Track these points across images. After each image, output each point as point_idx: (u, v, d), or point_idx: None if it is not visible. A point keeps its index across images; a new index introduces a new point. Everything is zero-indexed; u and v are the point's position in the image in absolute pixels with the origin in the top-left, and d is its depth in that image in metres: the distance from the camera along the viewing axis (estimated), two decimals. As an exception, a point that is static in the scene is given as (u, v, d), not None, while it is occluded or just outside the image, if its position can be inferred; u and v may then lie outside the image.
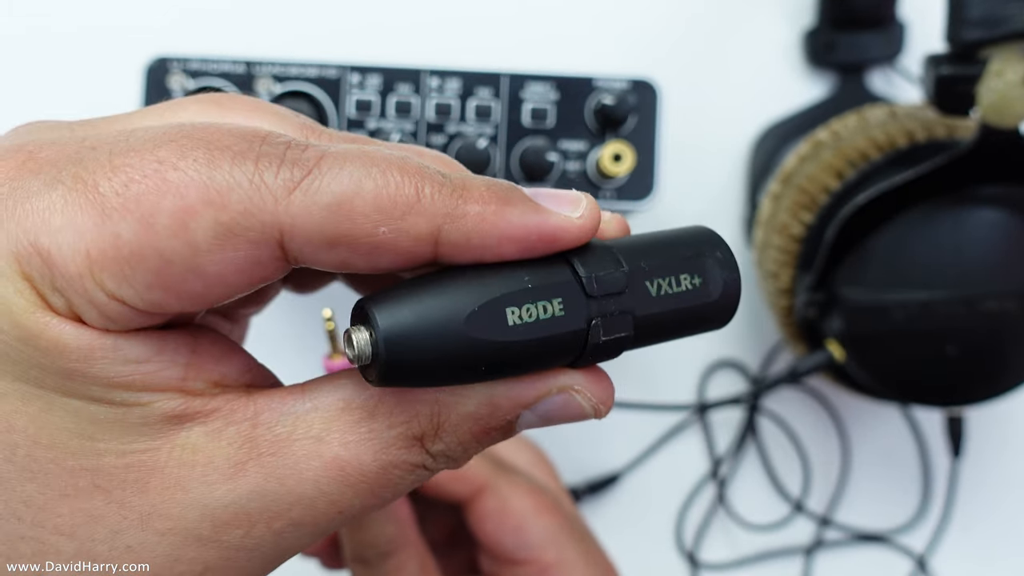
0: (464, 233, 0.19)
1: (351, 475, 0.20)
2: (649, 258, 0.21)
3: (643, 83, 0.36)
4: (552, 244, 0.20)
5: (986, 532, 0.53)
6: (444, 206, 0.19)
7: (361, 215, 0.18)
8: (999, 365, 0.42)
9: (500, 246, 0.19)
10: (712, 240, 0.22)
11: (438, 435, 0.20)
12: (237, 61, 0.36)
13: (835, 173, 0.43)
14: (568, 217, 0.20)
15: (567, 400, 0.21)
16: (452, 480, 0.34)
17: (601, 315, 0.20)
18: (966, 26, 0.36)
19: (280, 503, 0.19)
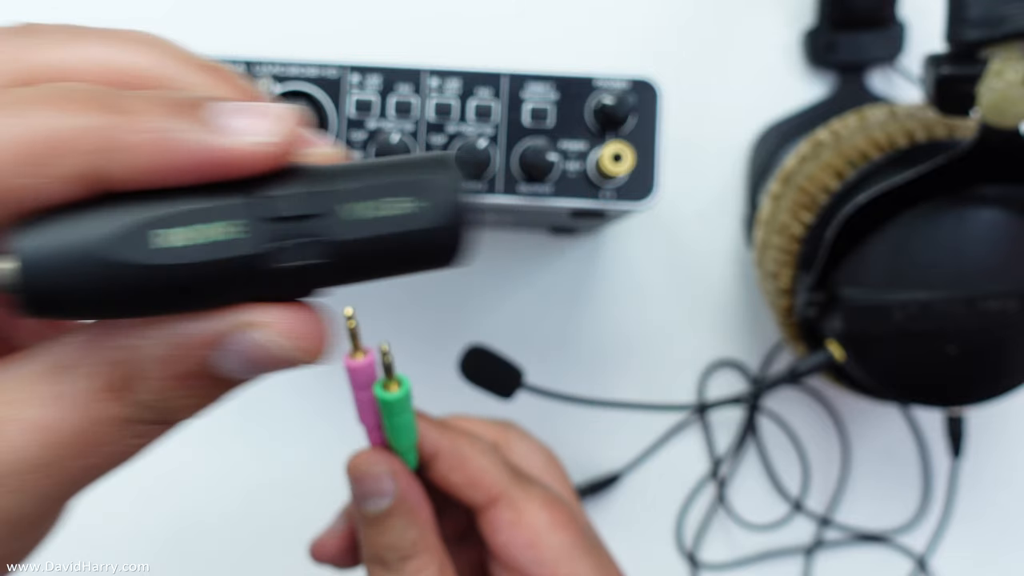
0: (124, 167, 0.17)
1: (56, 437, 0.18)
2: (352, 180, 0.19)
3: (643, 83, 0.36)
4: (229, 172, 0.18)
5: (986, 532, 0.53)
6: (96, 140, 0.17)
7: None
8: (999, 365, 0.42)
9: (168, 176, 0.17)
10: (439, 162, 0.19)
11: (133, 384, 0.19)
12: (236, 61, 0.35)
13: (835, 173, 0.43)
14: (251, 142, 0.18)
15: (254, 339, 0.19)
16: (466, 486, 0.34)
17: (277, 239, 0.18)
18: (966, 26, 0.36)
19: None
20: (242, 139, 0.18)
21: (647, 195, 0.37)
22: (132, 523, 0.51)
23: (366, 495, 0.33)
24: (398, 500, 0.32)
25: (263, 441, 0.52)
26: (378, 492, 0.32)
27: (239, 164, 0.18)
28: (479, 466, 0.34)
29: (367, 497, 0.33)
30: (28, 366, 0.19)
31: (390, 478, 0.33)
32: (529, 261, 0.52)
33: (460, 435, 0.35)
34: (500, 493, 0.34)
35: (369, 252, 0.19)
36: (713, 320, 0.53)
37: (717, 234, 0.53)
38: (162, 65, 0.20)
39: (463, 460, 0.34)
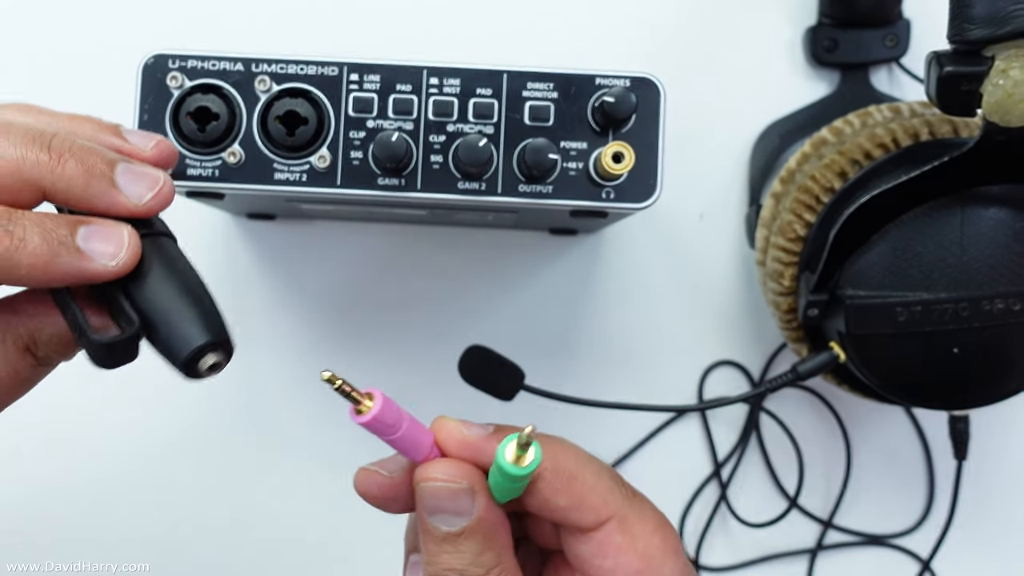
0: (17, 278, 0.26)
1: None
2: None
3: (645, 81, 0.36)
4: (92, 279, 0.27)
5: (990, 535, 0.53)
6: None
7: None
8: (1004, 367, 0.42)
9: (48, 283, 0.27)
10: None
11: (38, 347, 0.29)
12: (235, 59, 0.35)
13: (838, 172, 0.43)
14: (103, 265, 0.27)
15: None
16: (572, 509, 0.30)
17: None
18: (970, 24, 0.36)
19: None
20: (100, 263, 0.26)
21: (648, 195, 0.36)
22: (132, 523, 0.51)
23: (438, 511, 0.29)
24: (477, 521, 0.29)
25: (264, 442, 0.52)
26: (455, 510, 0.29)
27: (99, 277, 0.27)
28: (588, 485, 0.30)
29: (439, 513, 0.29)
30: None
31: (470, 497, 0.29)
32: (529, 261, 0.52)
33: (562, 449, 0.31)
34: (613, 513, 0.30)
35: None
36: (715, 320, 0.52)
37: (718, 234, 0.52)
38: (16, 160, 0.26)
39: (570, 480, 0.30)
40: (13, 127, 0.26)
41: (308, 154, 0.36)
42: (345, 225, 0.52)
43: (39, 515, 0.51)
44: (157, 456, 0.51)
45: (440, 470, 0.29)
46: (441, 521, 0.29)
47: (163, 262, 0.28)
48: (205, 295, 0.28)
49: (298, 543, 0.52)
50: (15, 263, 0.25)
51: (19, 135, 0.26)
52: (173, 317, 0.27)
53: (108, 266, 0.26)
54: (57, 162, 0.26)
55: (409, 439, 0.29)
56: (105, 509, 0.51)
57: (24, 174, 0.26)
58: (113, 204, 0.27)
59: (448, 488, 0.29)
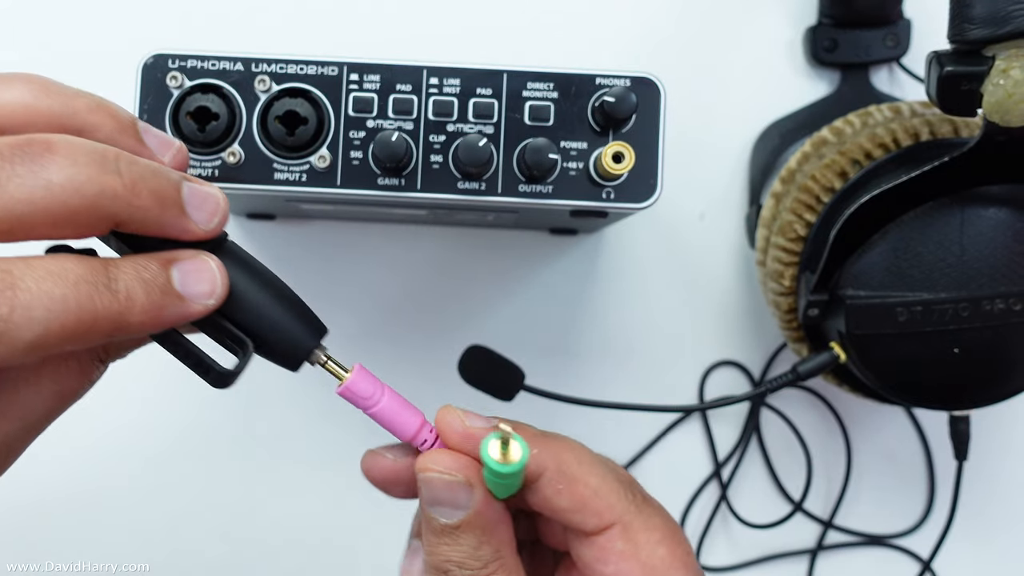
0: (129, 332, 0.25)
1: (68, 396, 0.29)
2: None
3: (645, 81, 0.36)
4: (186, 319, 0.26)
5: (991, 535, 0.53)
6: (111, 323, 0.24)
7: None
8: (1005, 367, 0.42)
9: (152, 328, 0.26)
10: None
11: (108, 355, 0.29)
12: (235, 59, 0.35)
13: (838, 172, 0.43)
14: (203, 305, 0.27)
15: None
16: (574, 511, 0.29)
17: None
18: (970, 24, 0.36)
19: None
20: (200, 303, 0.26)
21: (648, 195, 0.36)
22: (132, 523, 0.51)
23: (436, 502, 0.29)
24: (474, 514, 0.29)
25: (264, 442, 0.52)
26: (451, 503, 0.29)
27: (198, 316, 0.26)
28: (592, 488, 0.29)
29: (437, 505, 0.29)
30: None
31: (467, 490, 0.29)
32: (529, 261, 0.52)
33: (566, 449, 0.30)
34: (615, 519, 0.29)
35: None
36: (715, 320, 0.52)
37: (719, 234, 0.52)
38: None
39: (571, 482, 0.29)
40: (75, 147, 0.24)
41: (308, 154, 0.36)
42: (345, 225, 0.52)
43: (39, 515, 0.51)
44: (157, 456, 0.51)
45: (437, 461, 0.29)
46: (440, 513, 0.29)
47: (244, 272, 0.28)
48: (287, 289, 0.28)
49: (298, 543, 0.52)
50: (125, 323, 0.24)
51: (87, 159, 0.24)
52: (277, 326, 0.28)
53: (208, 304, 0.26)
54: (132, 194, 0.25)
55: (388, 414, 0.29)
56: (105, 509, 0.51)
57: (102, 209, 0.24)
58: (184, 232, 0.26)
59: (444, 480, 0.29)
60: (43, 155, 0.23)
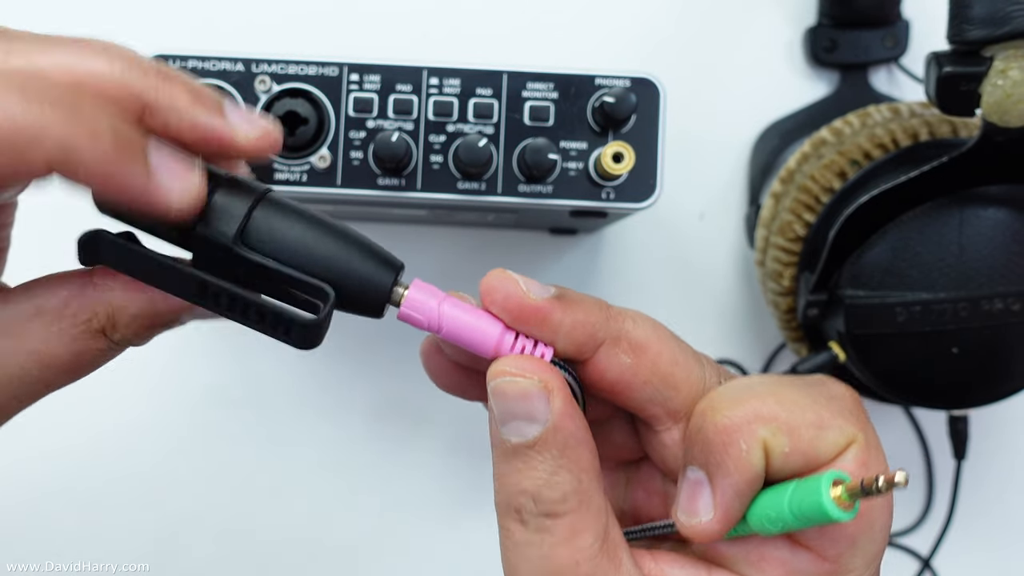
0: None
1: (50, 363, 0.25)
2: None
3: (645, 81, 0.36)
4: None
5: (990, 534, 0.53)
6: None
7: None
8: (1003, 366, 0.42)
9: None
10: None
11: (111, 329, 0.25)
12: (235, 59, 0.35)
13: (838, 172, 0.43)
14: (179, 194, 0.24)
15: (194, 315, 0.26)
16: (653, 399, 0.25)
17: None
18: (969, 24, 0.36)
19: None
20: (164, 195, 0.23)
21: (648, 195, 0.36)
22: (132, 523, 0.51)
23: (510, 416, 0.24)
24: (552, 429, 0.23)
25: (264, 442, 0.52)
26: (526, 415, 0.24)
27: (154, 210, 0.24)
28: (670, 358, 0.25)
29: (510, 420, 0.24)
30: (16, 307, 0.25)
31: (543, 397, 0.24)
32: (529, 261, 0.52)
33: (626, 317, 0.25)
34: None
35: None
36: (714, 320, 0.53)
37: (718, 234, 0.52)
38: (121, 71, 0.23)
39: (645, 353, 0.25)
40: (116, 49, 0.23)
41: (308, 154, 0.36)
42: (345, 225, 0.52)
43: (39, 515, 0.51)
44: (157, 456, 0.51)
45: (510, 364, 0.24)
46: (512, 431, 0.24)
47: (300, 217, 0.25)
48: (350, 230, 0.26)
49: (299, 543, 0.52)
50: (75, 152, 0.21)
51: (123, 56, 0.23)
52: (354, 271, 0.25)
53: (171, 203, 0.23)
54: (165, 81, 0.23)
55: (456, 329, 0.25)
56: (105, 509, 0.51)
57: (129, 86, 0.23)
58: (217, 128, 0.24)
59: (518, 386, 0.24)
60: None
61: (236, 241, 0.24)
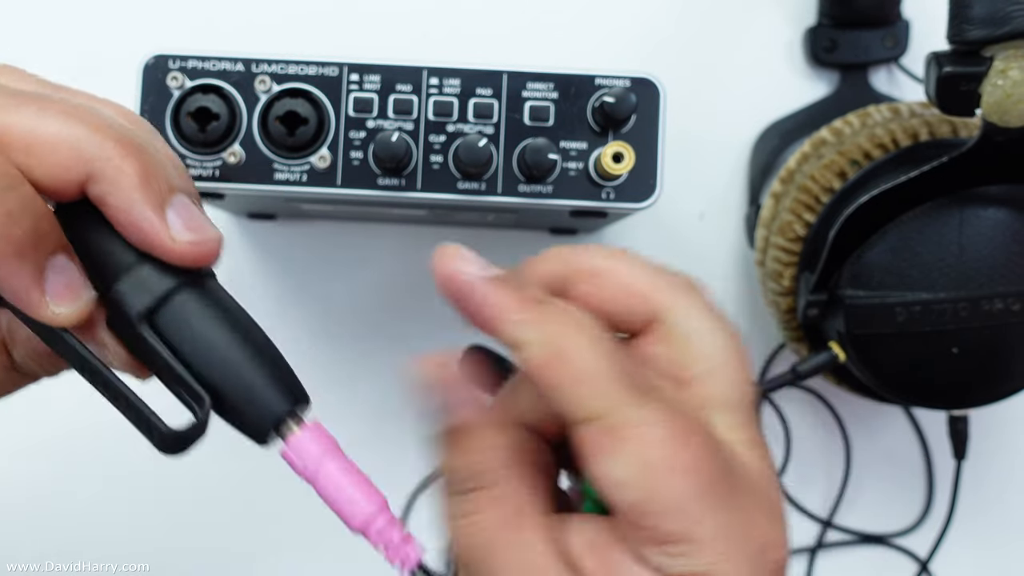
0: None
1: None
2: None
3: (645, 81, 0.36)
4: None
5: (990, 534, 0.53)
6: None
7: None
8: (1003, 366, 0.42)
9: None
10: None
11: (14, 343, 0.27)
12: (235, 59, 0.35)
13: (838, 172, 0.43)
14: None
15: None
16: (559, 399, 0.24)
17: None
18: (969, 24, 0.36)
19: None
20: (48, 304, 0.24)
21: (648, 195, 0.36)
22: (132, 523, 0.51)
23: (424, 407, 0.26)
24: (457, 423, 0.26)
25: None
26: (435, 406, 0.26)
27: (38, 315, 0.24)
28: (579, 366, 0.24)
29: (425, 413, 0.26)
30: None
31: (443, 391, 0.26)
32: (529, 261, 0.52)
33: (556, 314, 0.25)
34: (600, 413, 0.24)
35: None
36: (714, 320, 0.52)
37: (718, 234, 0.52)
38: (78, 138, 0.23)
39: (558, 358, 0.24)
40: (86, 113, 0.23)
41: (308, 154, 0.36)
42: (345, 225, 0.52)
43: (39, 515, 0.51)
44: (157, 456, 0.51)
45: (423, 366, 0.26)
46: (426, 420, 0.27)
47: (217, 315, 0.24)
48: (267, 344, 0.24)
49: (300, 542, 0.52)
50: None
51: (88, 121, 0.23)
52: (246, 383, 0.23)
53: (44, 316, 0.23)
54: (122, 155, 0.23)
55: (331, 490, 0.24)
56: (105, 509, 0.51)
57: (80, 153, 0.23)
58: (147, 225, 0.23)
59: (426, 384, 0.26)
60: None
61: (140, 319, 0.23)
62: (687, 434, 0.24)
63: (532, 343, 0.24)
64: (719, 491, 0.24)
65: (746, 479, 0.25)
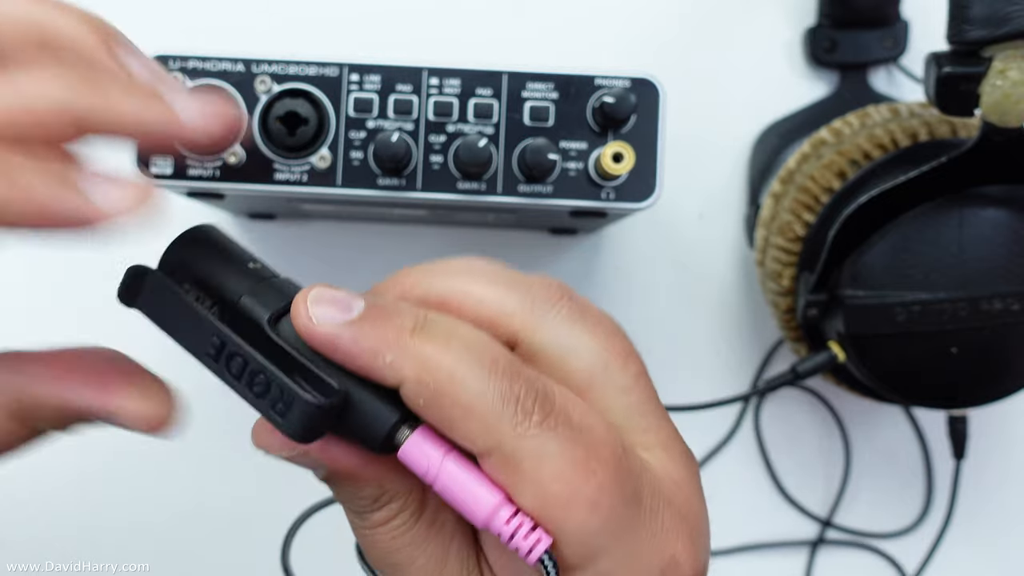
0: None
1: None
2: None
3: (644, 82, 0.36)
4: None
5: (989, 534, 0.53)
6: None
7: None
8: (1002, 366, 0.42)
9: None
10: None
11: (37, 418, 0.25)
12: (236, 60, 0.35)
13: (837, 172, 0.43)
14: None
15: (118, 416, 0.26)
16: (445, 429, 0.23)
17: None
18: (969, 25, 0.36)
19: None
20: (110, 206, 0.22)
21: (648, 195, 0.37)
22: (132, 523, 0.51)
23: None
24: (331, 472, 0.25)
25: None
26: (309, 466, 0.26)
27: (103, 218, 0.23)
28: (463, 400, 0.22)
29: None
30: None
31: (310, 457, 0.25)
32: (529, 261, 0.52)
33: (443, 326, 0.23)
34: (491, 447, 0.22)
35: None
36: (714, 320, 0.53)
37: (718, 234, 0.52)
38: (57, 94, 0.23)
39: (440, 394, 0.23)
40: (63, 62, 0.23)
41: (308, 154, 0.36)
42: (345, 225, 0.52)
43: (39, 515, 0.51)
44: (157, 456, 0.51)
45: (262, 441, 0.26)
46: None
47: None
48: None
49: (300, 541, 0.52)
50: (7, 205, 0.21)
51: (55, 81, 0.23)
52: (366, 389, 0.23)
53: (120, 206, 0.22)
54: (92, 89, 0.23)
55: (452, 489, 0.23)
56: (105, 509, 0.51)
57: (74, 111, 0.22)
58: (166, 112, 0.23)
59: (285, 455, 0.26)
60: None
61: (271, 321, 0.24)
62: (588, 461, 0.22)
63: (409, 381, 0.22)
64: (624, 519, 0.22)
65: (657, 495, 0.24)
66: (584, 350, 0.24)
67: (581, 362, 0.24)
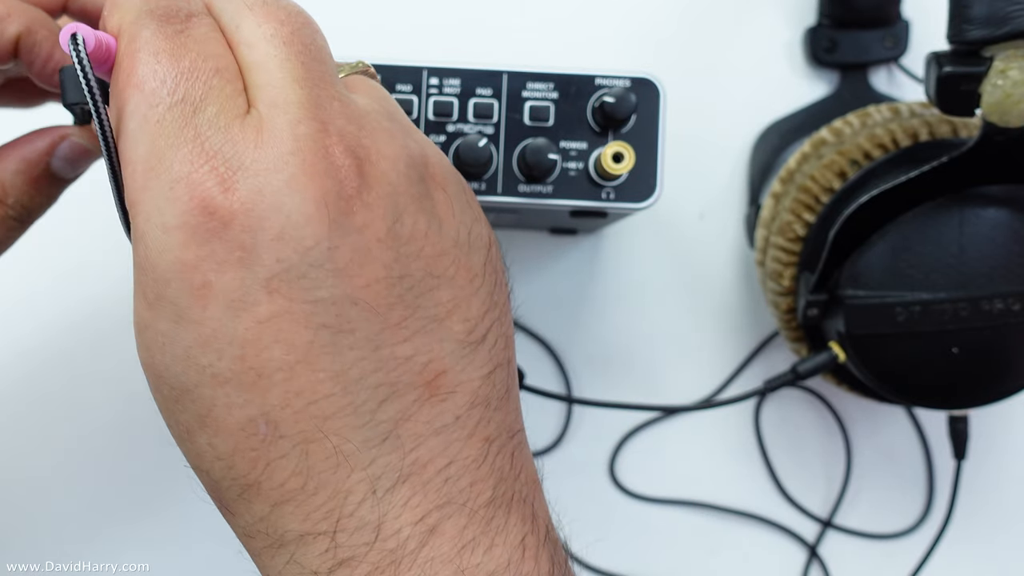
0: None
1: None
2: None
3: (645, 81, 0.36)
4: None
5: (989, 534, 0.53)
6: None
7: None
8: (1003, 366, 0.42)
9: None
10: None
11: (5, 195, 0.27)
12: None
13: (838, 172, 0.43)
14: None
15: (71, 144, 0.28)
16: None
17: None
18: (969, 24, 0.36)
19: None
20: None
21: (648, 195, 0.36)
22: (132, 523, 0.51)
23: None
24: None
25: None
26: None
27: None
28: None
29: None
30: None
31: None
32: (529, 261, 0.52)
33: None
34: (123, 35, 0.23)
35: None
36: (714, 320, 0.53)
37: (718, 234, 0.52)
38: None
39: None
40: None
41: (308, 154, 0.36)
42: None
43: (39, 515, 0.51)
44: (157, 456, 0.51)
45: None
46: None
47: None
48: None
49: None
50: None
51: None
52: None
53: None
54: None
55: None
56: (105, 509, 0.51)
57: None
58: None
59: None
60: None
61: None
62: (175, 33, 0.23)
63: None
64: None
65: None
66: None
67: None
